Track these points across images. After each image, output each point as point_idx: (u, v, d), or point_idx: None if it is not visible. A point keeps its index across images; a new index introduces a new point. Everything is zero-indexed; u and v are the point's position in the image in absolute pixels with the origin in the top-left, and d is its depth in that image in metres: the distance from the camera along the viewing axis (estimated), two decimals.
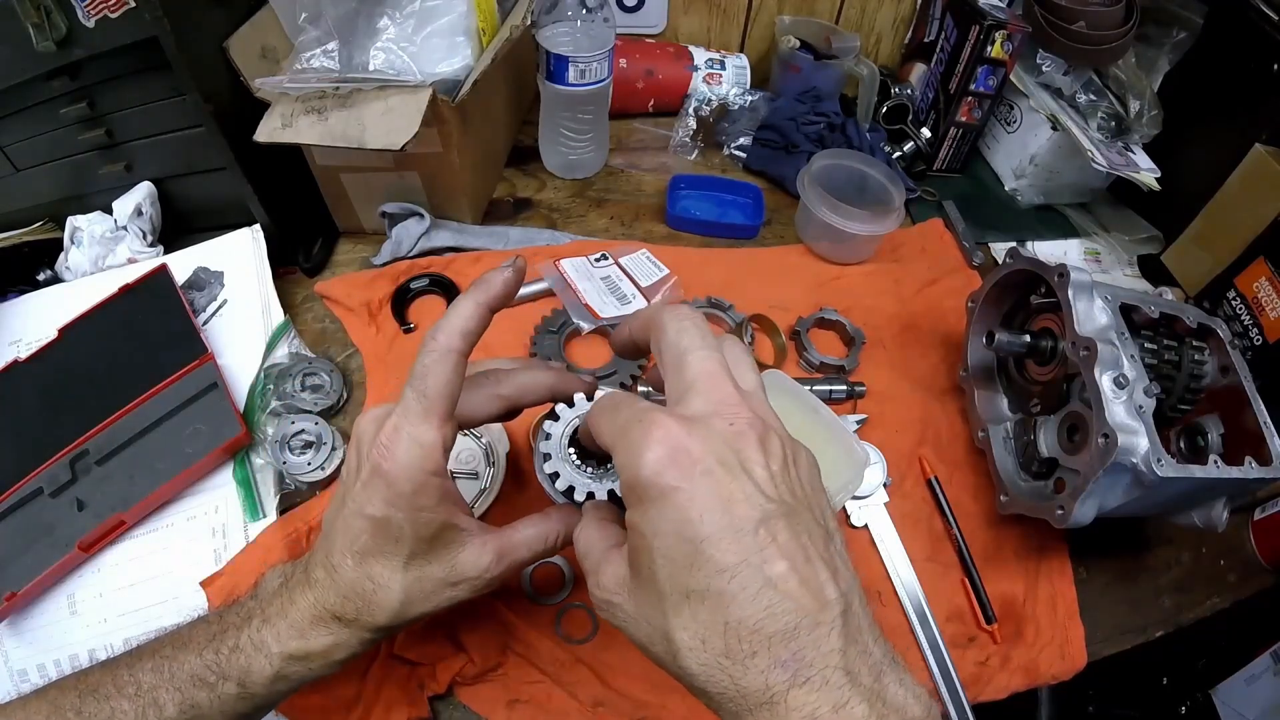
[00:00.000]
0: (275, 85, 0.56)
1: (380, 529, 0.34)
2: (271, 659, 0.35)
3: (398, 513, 0.33)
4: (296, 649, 0.35)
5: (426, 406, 0.33)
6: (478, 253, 0.70)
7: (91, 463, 0.51)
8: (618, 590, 0.29)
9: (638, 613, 0.28)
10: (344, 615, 0.35)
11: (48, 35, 0.51)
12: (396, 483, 0.33)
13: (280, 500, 0.52)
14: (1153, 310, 0.52)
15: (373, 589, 0.34)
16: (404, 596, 0.35)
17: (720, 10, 0.93)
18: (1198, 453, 0.53)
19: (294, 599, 0.35)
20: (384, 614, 0.35)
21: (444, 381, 0.33)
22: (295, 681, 0.36)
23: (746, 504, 0.26)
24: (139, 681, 0.34)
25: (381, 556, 0.34)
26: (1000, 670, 0.50)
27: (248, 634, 0.35)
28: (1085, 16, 0.75)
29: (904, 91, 0.90)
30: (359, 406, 0.59)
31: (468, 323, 0.34)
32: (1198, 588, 0.57)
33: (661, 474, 0.26)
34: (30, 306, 0.62)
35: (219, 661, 0.35)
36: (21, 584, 0.46)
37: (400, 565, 0.34)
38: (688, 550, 0.26)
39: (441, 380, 0.33)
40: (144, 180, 0.64)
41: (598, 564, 0.31)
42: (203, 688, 0.34)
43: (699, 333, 0.31)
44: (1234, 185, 0.71)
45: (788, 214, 0.79)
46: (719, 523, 0.25)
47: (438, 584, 0.35)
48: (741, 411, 0.28)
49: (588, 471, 0.36)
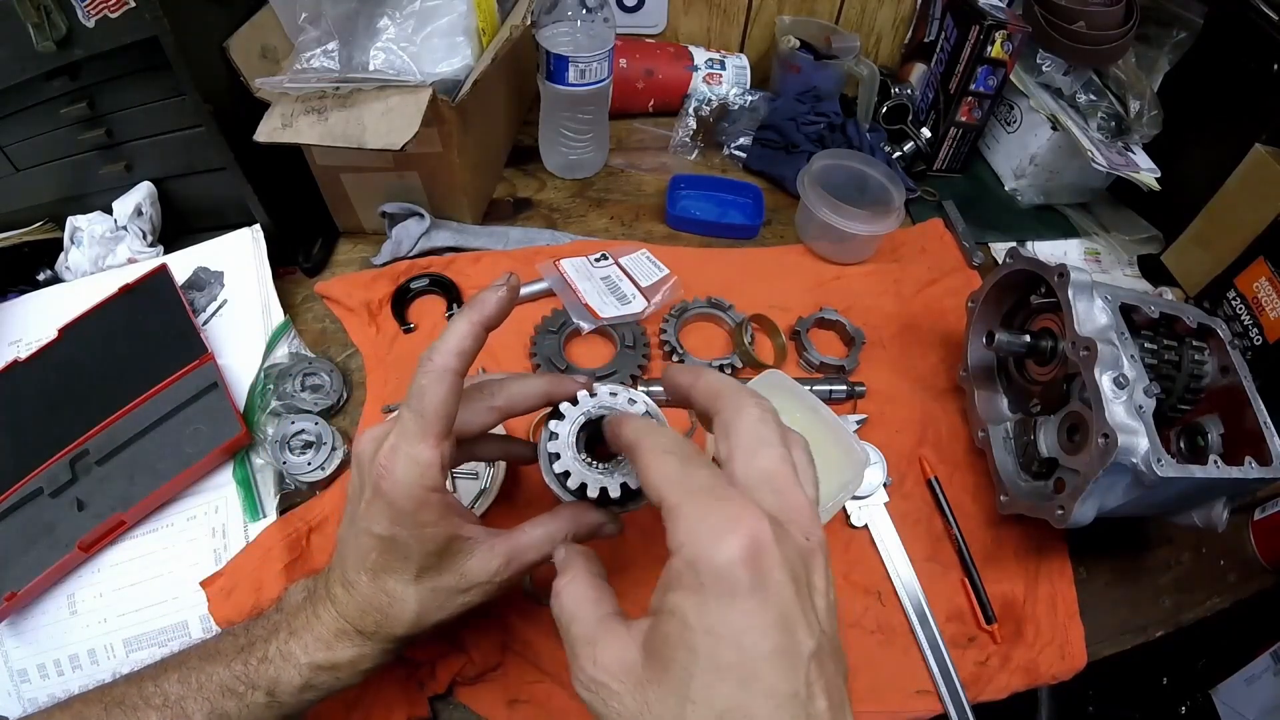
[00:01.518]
0: (275, 85, 0.56)
1: (388, 547, 0.34)
2: (300, 669, 0.35)
3: (402, 531, 0.34)
4: (324, 660, 0.36)
5: (424, 426, 0.33)
6: (478, 253, 0.70)
7: (91, 463, 0.51)
8: (621, 677, 0.26)
9: (642, 712, 0.25)
10: (364, 629, 0.36)
11: (48, 35, 0.51)
12: (397, 501, 0.33)
13: (280, 500, 0.52)
14: (1153, 310, 0.52)
15: (388, 603, 0.35)
16: (419, 608, 0.35)
17: (720, 10, 0.93)
18: (1198, 453, 0.53)
19: (318, 613, 0.36)
20: (401, 626, 0.35)
21: (440, 400, 0.33)
22: (324, 690, 0.36)
23: (806, 631, 0.24)
24: (165, 693, 0.35)
25: (393, 572, 0.35)
26: (1000, 670, 0.50)
27: (276, 646, 0.36)
28: (1085, 16, 0.75)
29: (904, 91, 0.90)
30: (359, 406, 0.59)
31: (463, 342, 0.34)
32: (1198, 588, 0.57)
33: (738, 568, 0.23)
34: (30, 306, 0.62)
35: (248, 672, 0.35)
36: (21, 584, 0.46)
37: (411, 579, 0.35)
38: (741, 663, 0.23)
39: (438, 399, 0.33)
40: (144, 180, 0.64)
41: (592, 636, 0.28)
42: (231, 697, 0.35)
43: (779, 428, 0.29)
44: (1234, 185, 0.71)
45: (788, 214, 0.79)
46: (780, 644, 0.23)
47: (450, 593, 0.36)
48: (815, 529, 0.27)
49: (597, 467, 0.36)
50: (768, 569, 0.24)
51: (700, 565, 0.24)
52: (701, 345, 0.65)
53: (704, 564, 0.24)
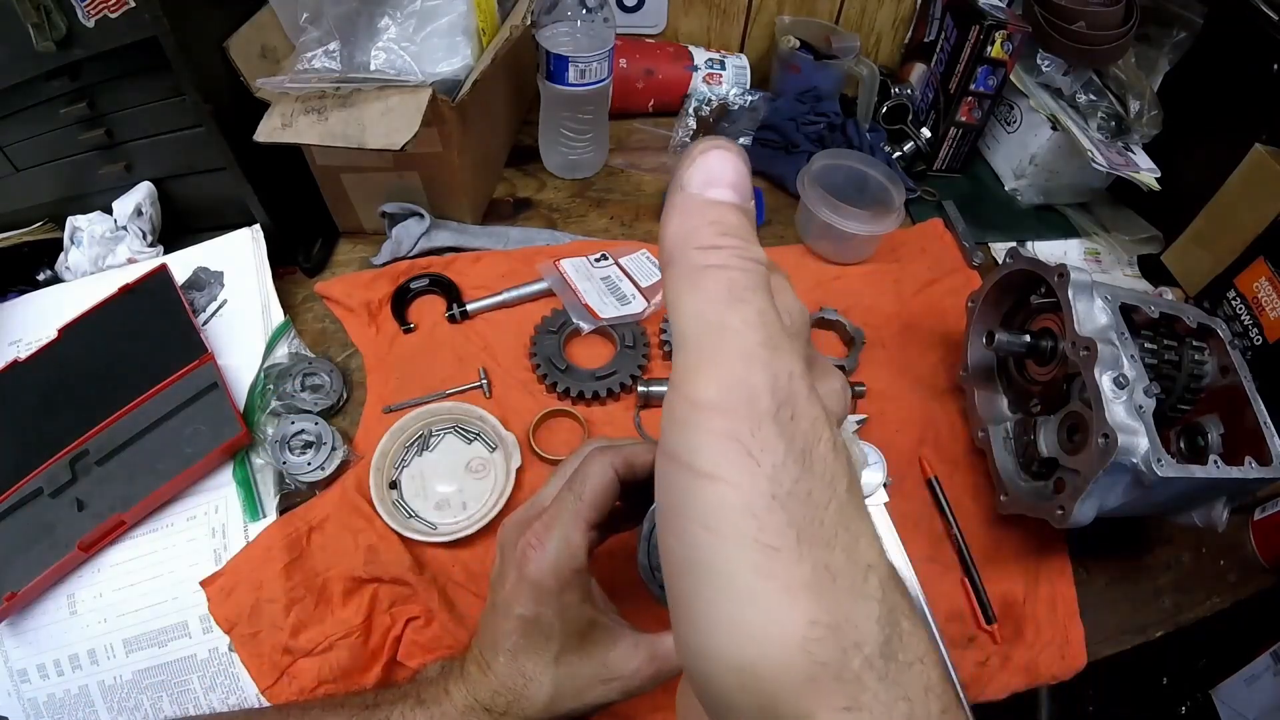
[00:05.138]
0: (275, 85, 0.56)
1: (530, 627, 0.35)
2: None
3: (546, 610, 0.34)
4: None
5: (579, 509, 0.34)
6: (478, 253, 0.70)
7: (91, 463, 0.51)
8: None
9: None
10: (494, 708, 0.36)
11: (48, 35, 0.51)
12: (543, 581, 0.34)
13: (280, 500, 0.52)
14: (1153, 310, 0.52)
15: (524, 683, 0.35)
16: (554, 690, 0.35)
17: (720, 10, 0.93)
18: (1198, 453, 0.53)
19: (449, 689, 0.37)
20: (533, 707, 0.35)
21: (600, 490, 0.34)
22: None
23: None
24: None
25: (533, 653, 0.35)
26: (1000, 670, 0.50)
27: (400, 710, 0.37)
28: (1085, 16, 0.75)
29: (904, 91, 0.90)
30: (359, 406, 0.59)
31: (635, 456, 0.35)
32: (1198, 588, 0.57)
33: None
34: (30, 306, 0.62)
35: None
36: (21, 584, 0.46)
37: (551, 660, 0.35)
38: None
39: (599, 489, 0.34)
40: (144, 180, 0.64)
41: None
42: None
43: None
44: (1234, 185, 0.71)
45: (788, 214, 0.79)
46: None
47: (589, 681, 0.36)
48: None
49: None
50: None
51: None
52: None
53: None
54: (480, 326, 0.64)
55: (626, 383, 0.60)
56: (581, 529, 0.34)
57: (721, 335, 0.17)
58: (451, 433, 0.57)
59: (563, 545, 0.34)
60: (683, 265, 0.18)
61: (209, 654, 0.47)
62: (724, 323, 0.17)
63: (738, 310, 0.17)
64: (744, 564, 0.16)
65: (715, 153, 0.18)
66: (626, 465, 0.35)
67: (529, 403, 0.60)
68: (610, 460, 0.35)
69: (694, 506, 0.16)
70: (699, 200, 0.18)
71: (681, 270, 0.18)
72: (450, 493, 0.54)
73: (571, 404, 0.60)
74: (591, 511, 0.34)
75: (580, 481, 0.35)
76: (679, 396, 0.17)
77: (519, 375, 0.61)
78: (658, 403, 0.60)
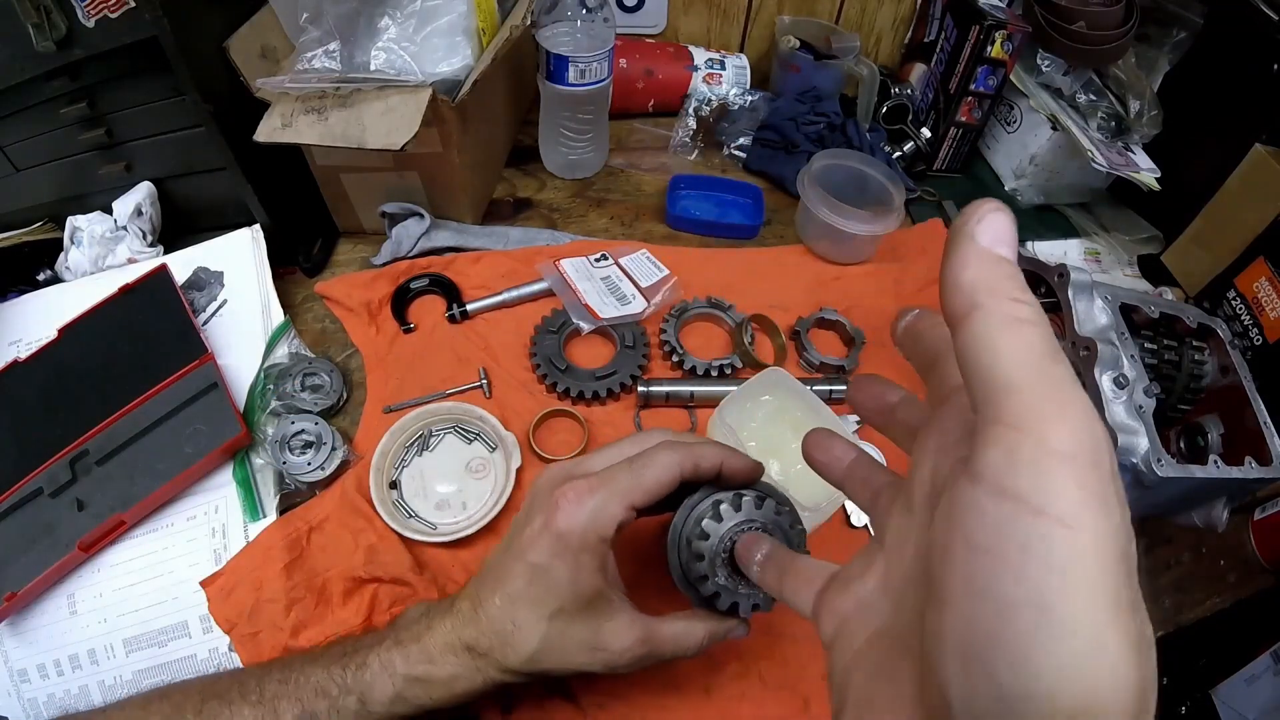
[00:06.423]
0: (275, 85, 0.56)
1: (538, 576, 0.35)
2: (395, 679, 0.36)
3: (560, 564, 0.35)
4: (421, 672, 0.36)
5: (631, 488, 0.35)
6: (478, 253, 0.70)
7: (91, 463, 0.51)
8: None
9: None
10: (476, 648, 0.36)
11: (48, 35, 0.51)
12: (567, 535, 0.34)
13: (280, 500, 0.52)
14: (1153, 310, 0.52)
15: (512, 630, 0.36)
16: (540, 644, 0.35)
17: (720, 10, 0.93)
18: (1198, 453, 0.53)
19: (432, 625, 0.37)
20: (516, 656, 0.36)
21: (661, 482, 0.35)
22: (413, 705, 0.37)
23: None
24: (263, 690, 0.36)
25: (532, 603, 0.35)
26: None
27: (377, 653, 0.37)
28: (1085, 16, 0.75)
29: (904, 91, 0.90)
30: (359, 406, 0.59)
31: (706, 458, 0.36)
32: (1198, 588, 0.57)
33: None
34: (30, 306, 0.62)
35: (345, 676, 0.36)
36: (21, 584, 0.46)
37: (546, 615, 0.35)
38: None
39: (660, 480, 0.35)
40: (144, 180, 0.64)
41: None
42: (323, 698, 0.36)
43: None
44: (1234, 185, 0.71)
45: (788, 214, 0.79)
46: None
47: (577, 645, 0.36)
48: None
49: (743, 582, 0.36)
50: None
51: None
52: (701, 345, 0.65)
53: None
54: (480, 326, 0.64)
55: (626, 383, 0.60)
56: (624, 505, 0.35)
57: (1061, 387, 0.17)
58: (451, 433, 0.57)
59: (600, 510, 0.34)
60: (996, 313, 0.18)
61: (209, 654, 0.46)
62: (1057, 375, 0.17)
63: (1060, 365, 0.17)
64: (1094, 614, 0.16)
65: (1002, 215, 0.19)
66: (694, 468, 0.35)
67: (529, 403, 0.60)
68: (680, 461, 0.35)
69: (1043, 550, 0.16)
70: (993, 254, 0.18)
71: (996, 318, 0.18)
72: (450, 493, 0.54)
73: (571, 404, 0.60)
74: (643, 496, 0.35)
75: (643, 465, 0.35)
76: (1030, 440, 0.17)
77: (519, 375, 0.61)
78: (658, 403, 0.60)
